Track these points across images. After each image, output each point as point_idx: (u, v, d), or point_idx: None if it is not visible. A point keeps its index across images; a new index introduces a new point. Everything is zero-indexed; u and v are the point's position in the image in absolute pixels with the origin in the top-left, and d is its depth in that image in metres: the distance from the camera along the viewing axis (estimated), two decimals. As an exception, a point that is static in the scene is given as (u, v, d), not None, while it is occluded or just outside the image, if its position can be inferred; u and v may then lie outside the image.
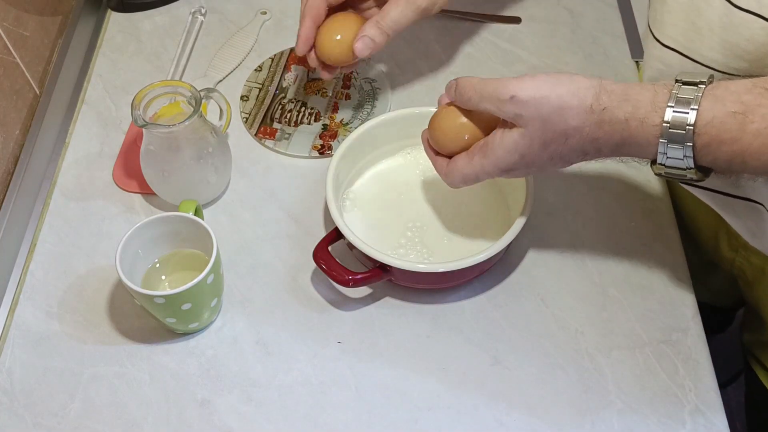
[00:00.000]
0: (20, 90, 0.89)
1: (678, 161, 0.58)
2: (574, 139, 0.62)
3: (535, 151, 0.64)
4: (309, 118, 0.91)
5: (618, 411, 0.71)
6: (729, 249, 0.85)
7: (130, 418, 0.71)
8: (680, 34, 0.66)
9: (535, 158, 0.64)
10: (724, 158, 0.57)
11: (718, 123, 0.56)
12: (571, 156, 0.64)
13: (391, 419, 0.71)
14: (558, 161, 0.64)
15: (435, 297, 0.77)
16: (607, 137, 0.61)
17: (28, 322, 0.77)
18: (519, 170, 0.66)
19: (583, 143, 0.62)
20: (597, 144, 0.62)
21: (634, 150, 0.61)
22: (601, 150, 0.62)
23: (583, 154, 0.63)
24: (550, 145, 0.63)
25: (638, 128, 0.59)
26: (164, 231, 0.74)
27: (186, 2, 1.03)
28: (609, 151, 0.62)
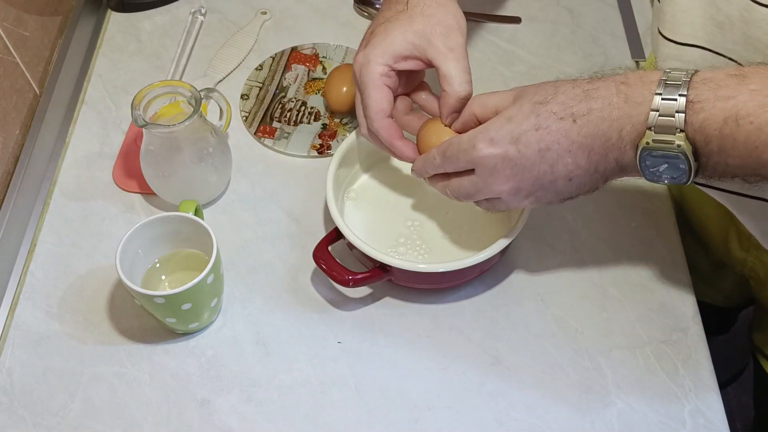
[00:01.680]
0: (20, 90, 0.89)
1: (669, 123, 0.56)
2: (565, 88, 0.61)
3: (524, 110, 0.62)
4: (309, 118, 0.91)
5: (618, 411, 0.71)
6: (740, 249, 0.85)
7: (130, 418, 0.71)
8: (700, 29, 0.66)
9: (522, 120, 0.62)
10: (716, 120, 0.55)
11: (716, 79, 0.56)
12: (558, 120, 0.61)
13: (391, 419, 0.71)
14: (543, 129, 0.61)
15: (435, 297, 0.77)
16: (602, 88, 0.60)
17: (28, 322, 0.77)
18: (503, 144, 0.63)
19: (573, 95, 0.61)
20: (588, 98, 0.60)
21: (624, 111, 0.59)
22: (592, 110, 0.60)
23: (571, 117, 0.60)
24: (539, 102, 0.62)
25: (635, 80, 0.59)
26: (164, 231, 0.74)
27: (186, 2, 1.03)
28: (599, 112, 0.59)
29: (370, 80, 0.71)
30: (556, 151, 0.61)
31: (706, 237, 0.90)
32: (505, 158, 0.63)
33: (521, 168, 0.63)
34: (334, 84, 0.88)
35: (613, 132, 0.59)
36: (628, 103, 0.58)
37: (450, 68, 0.70)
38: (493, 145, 0.63)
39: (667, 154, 0.57)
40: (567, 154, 0.61)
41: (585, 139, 0.60)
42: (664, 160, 0.58)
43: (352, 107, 0.88)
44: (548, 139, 0.61)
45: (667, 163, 0.58)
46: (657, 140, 0.57)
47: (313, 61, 0.96)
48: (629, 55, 0.97)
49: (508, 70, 0.96)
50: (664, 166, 0.58)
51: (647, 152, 0.58)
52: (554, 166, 0.62)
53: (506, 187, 0.65)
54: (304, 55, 0.97)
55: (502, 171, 0.64)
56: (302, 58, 0.96)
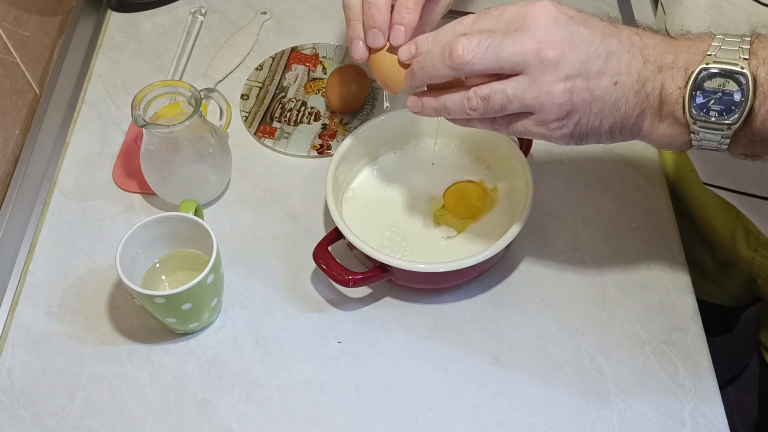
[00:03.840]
0: (20, 90, 0.89)
1: (731, 50, 0.53)
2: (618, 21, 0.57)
3: (588, 16, 0.57)
4: (309, 118, 0.91)
5: (618, 411, 0.71)
6: (747, 248, 0.85)
7: (130, 418, 0.71)
8: None
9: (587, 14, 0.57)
10: None
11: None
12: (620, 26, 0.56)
13: (391, 419, 0.71)
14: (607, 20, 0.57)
15: (435, 297, 0.77)
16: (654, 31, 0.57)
17: (28, 322, 0.77)
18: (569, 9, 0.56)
19: (634, 27, 0.57)
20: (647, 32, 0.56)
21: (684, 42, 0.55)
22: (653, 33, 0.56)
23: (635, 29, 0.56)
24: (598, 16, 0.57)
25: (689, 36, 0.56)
26: (164, 231, 0.74)
27: (186, 2, 1.03)
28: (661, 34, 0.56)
29: None
30: (617, 43, 0.56)
31: (712, 237, 0.90)
32: (568, 20, 0.56)
33: (581, 37, 0.56)
34: (334, 84, 0.88)
35: (671, 53, 0.55)
36: (691, 39, 0.56)
37: None
38: (559, 6, 0.56)
39: (723, 82, 0.53)
40: (625, 52, 0.56)
41: (645, 48, 0.56)
42: (719, 90, 0.54)
43: (353, 107, 0.88)
44: (613, 30, 0.56)
45: (722, 94, 0.54)
46: (718, 61, 0.53)
47: (313, 61, 0.96)
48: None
49: (508, 70, 0.96)
50: (715, 97, 0.54)
51: (702, 77, 0.54)
52: (610, 55, 0.56)
53: (558, 45, 0.55)
54: (304, 55, 0.97)
55: (562, 29, 0.56)
56: (302, 58, 0.96)
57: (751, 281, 0.90)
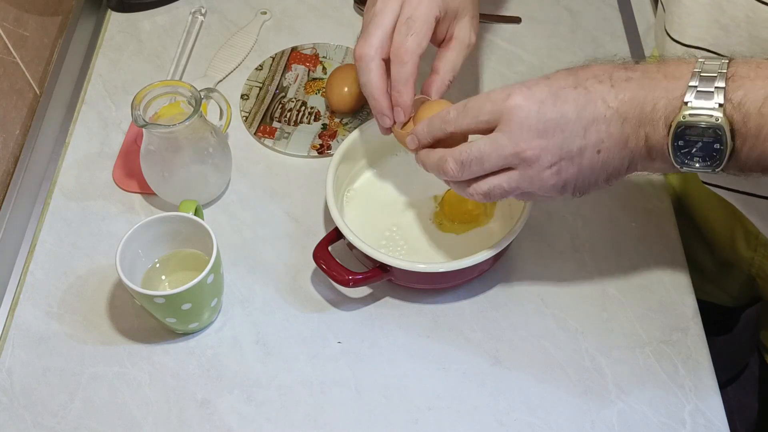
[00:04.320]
0: (20, 90, 0.89)
1: (707, 93, 0.54)
2: (602, 64, 0.59)
3: (561, 73, 0.59)
4: (309, 118, 0.91)
5: (618, 411, 0.71)
6: (747, 248, 0.85)
7: (130, 418, 0.71)
8: (705, 32, 0.66)
9: (561, 80, 0.59)
10: (756, 97, 0.54)
11: (755, 62, 0.54)
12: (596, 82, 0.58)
13: (391, 419, 0.71)
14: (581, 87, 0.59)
15: (435, 297, 0.77)
16: (641, 63, 0.58)
17: (28, 322, 0.77)
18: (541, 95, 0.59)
19: (612, 68, 0.58)
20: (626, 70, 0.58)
21: (662, 84, 0.56)
22: (630, 79, 0.57)
23: (609, 80, 0.58)
24: (577, 69, 0.59)
25: (673, 59, 0.58)
26: (164, 231, 0.74)
27: (186, 2, 1.03)
28: (637, 81, 0.57)
29: (427, 14, 0.70)
30: (592, 112, 0.58)
31: (711, 237, 0.90)
32: (540, 110, 0.59)
33: (555, 124, 0.59)
34: (335, 84, 0.88)
35: (648, 103, 0.57)
36: (667, 78, 0.57)
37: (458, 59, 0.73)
38: (530, 95, 0.59)
39: (703, 133, 0.55)
40: (602, 119, 0.58)
41: (621, 105, 0.58)
42: (699, 140, 0.55)
43: (353, 107, 0.88)
44: (586, 98, 0.58)
45: (701, 143, 0.55)
46: (693, 114, 0.55)
47: (313, 61, 0.96)
48: (629, 55, 0.97)
49: (508, 70, 0.96)
50: (696, 146, 0.56)
51: (681, 128, 0.56)
52: (588, 129, 0.59)
53: (534, 144, 0.59)
54: (304, 55, 0.97)
55: (535, 125, 0.59)
56: (302, 58, 0.96)
57: (751, 281, 0.90)
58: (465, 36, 0.74)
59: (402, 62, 0.70)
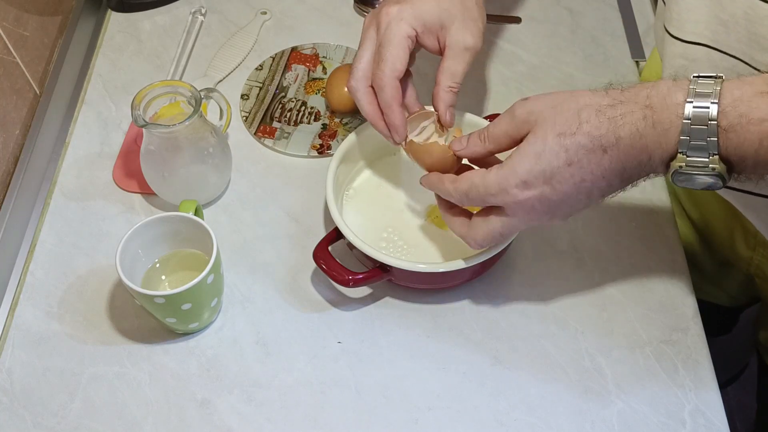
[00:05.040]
0: (20, 90, 0.89)
1: (701, 146, 0.55)
2: (588, 116, 0.59)
3: (550, 145, 0.60)
4: (309, 118, 0.91)
5: (618, 411, 0.71)
6: (746, 248, 0.85)
7: (130, 418, 0.71)
8: (705, 28, 0.66)
9: (552, 158, 0.60)
10: (751, 143, 0.54)
11: (746, 100, 0.54)
12: (588, 153, 0.59)
13: (391, 419, 0.71)
14: (576, 163, 0.60)
15: (435, 297, 0.77)
16: (626, 114, 0.58)
17: (28, 322, 0.77)
18: (538, 185, 0.61)
19: (599, 124, 0.59)
20: (615, 127, 0.58)
21: (652, 138, 0.57)
22: (621, 139, 0.58)
23: (601, 149, 0.59)
24: (564, 134, 0.60)
25: (660, 104, 0.57)
26: (164, 231, 0.74)
27: (186, 2, 1.03)
28: (628, 140, 0.58)
29: (396, 37, 0.71)
30: (590, 180, 0.60)
31: (711, 236, 0.90)
32: (542, 198, 0.62)
33: (559, 203, 0.62)
34: (335, 84, 0.88)
35: (644, 156, 0.58)
36: (656, 130, 0.57)
37: (455, 65, 0.73)
38: (527, 188, 0.62)
39: (701, 172, 0.56)
40: (601, 180, 0.60)
41: (617, 165, 0.59)
42: (698, 178, 0.57)
43: (353, 107, 0.88)
44: (582, 172, 0.60)
45: (701, 180, 0.57)
46: (690, 164, 0.56)
47: (313, 61, 0.96)
48: (629, 55, 0.97)
49: (508, 70, 0.96)
50: (697, 181, 0.58)
51: (680, 173, 0.57)
52: (590, 193, 0.61)
53: (543, 220, 0.64)
54: (304, 55, 0.97)
55: (540, 209, 0.63)
56: (302, 58, 0.96)
57: (750, 281, 0.90)
58: (457, 41, 0.74)
59: (380, 89, 0.72)
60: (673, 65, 0.71)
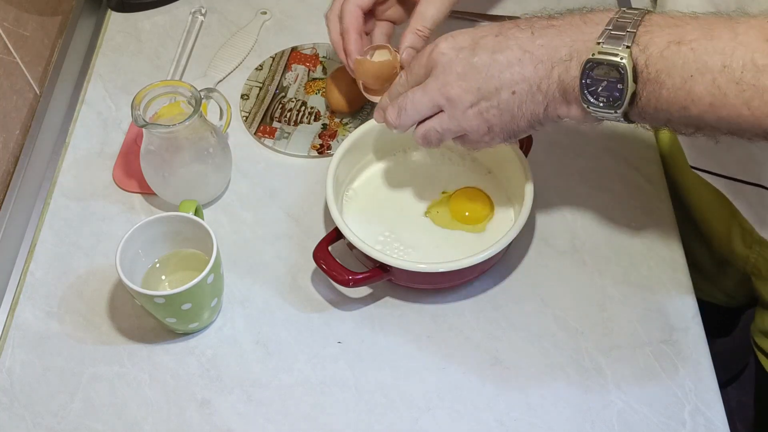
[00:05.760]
0: (20, 90, 0.89)
1: (616, 43, 0.58)
2: (523, 20, 0.64)
3: (488, 26, 0.65)
4: (309, 118, 0.91)
5: (618, 411, 0.71)
6: (743, 245, 0.85)
7: (130, 418, 0.71)
8: (697, 8, 0.65)
9: (486, 29, 0.65)
10: (660, 42, 0.57)
11: (669, 16, 0.58)
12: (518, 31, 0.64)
13: (391, 419, 0.71)
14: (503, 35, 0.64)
15: (435, 297, 0.77)
16: (567, 15, 0.63)
17: (28, 322, 0.77)
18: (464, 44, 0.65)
19: (538, 19, 0.64)
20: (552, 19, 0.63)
21: (580, 31, 0.61)
22: (552, 26, 0.62)
23: (529, 29, 0.63)
24: (503, 24, 0.65)
25: (600, 9, 0.62)
26: (164, 231, 0.74)
27: (186, 2, 1.03)
28: (559, 26, 0.62)
29: None
30: (507, 56, 0.63)
31: (708, 233, 0.90)
32: (459, 55, 0.65)
33: (472, 67, 0.64)
34: (334, 84, 0.88)
35: (564, 47, 0.61)
36: (587, 24, 0.61)
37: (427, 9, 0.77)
38: (452, 43, 0.66)
39: (608, 72, 0.58)
40: (516, 63, 0.63)
41: (536, 50, 0.62)
42: (605, 79, 0.59)
43: (353, 107, 0.88)
44: (503, 44, 0.64)
45: (607, 83, 0.59)
46: (603, 52, 0.58)
47: (313, 61, 0.96)
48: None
49: (508, 70, 0.96)
50: (602, 85, 0.59)
51: (590, 66, 0.59)
52: (502, 71, 0.64)
53: (455, 86, 0.65)
54: (304, 55, 0.97)
55: (455, 68, 0.65)
56: (302, 58, 0.96)
57: (747, 279, 0.90)
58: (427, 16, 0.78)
59: (342, 17, 0.79)
60: None
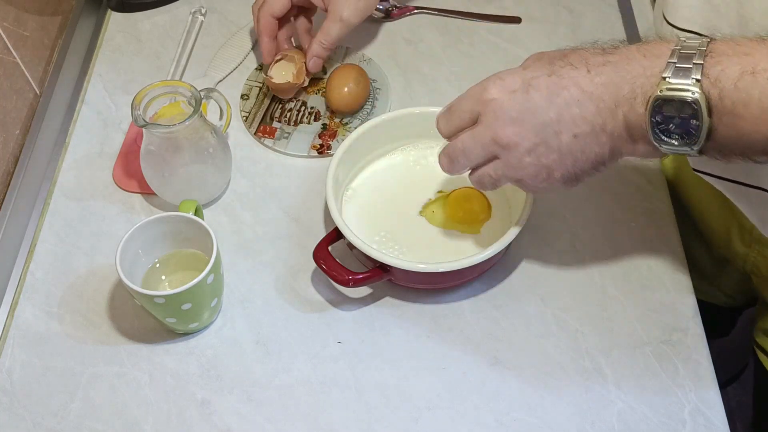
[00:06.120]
0: (20, 90, 0.89)
1: (685, 69, 0.55)
2: (584, 48, 0.61)
3: (541, 62, 0.62)
4: (309, 118, 0.91)
5: (618, 411, 0.71)
6: (742, 244, 0.85)
7: (130, 418, 0.71)
8: (697, 14, 0.66)
9: (537, 68, 0.61)
10: (732, 72, 0.54)
11: (735, 39, 0.55)
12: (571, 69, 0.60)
13: (391, 419, 0.71)
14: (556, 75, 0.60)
15: (435, 297, 0.77)
16: (622, 47, 0.59)
17: (28, 322, 0.77)
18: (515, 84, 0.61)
19: (593, 53, 0.60)
20: (606, 54, 0.59)
21: (639, 62, 0.57)
22: (608, 62, 0.58)
23: (585, 67, 0.59)
24: (555, 57, 0.61)
25: (655, 40, 0.58)
26: (164, 231, 0.74)
27: (186, 2, 1.03)
28: (616, 62, 0.58)
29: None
30: (564, 98, 0.60)
31: (707, 232, 0.90)
32: (512, 98, 0.62)
33: (527, 110, 0.61)
34: (335, 84, 0.88)
35: (626, 83, 0.58)
36: (647, 57, 0.57)
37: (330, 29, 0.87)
38: (503, 86, 0.62)
39: (680, 108, 0.55)
40: (575, 104, 0.60)
41: (596, 89, 0.59)
42: (676, 115, 0.56)
43: (353, 107, 0.89)
44: (559, 84, 0.60)
45: (680, 119, 0.56)
46: (671, 88, 0.55)
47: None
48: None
49: (508, 70, 0.96)
50: (674, 123, 0.56)
51: (659, 104, 0.56)
52: (561, 114, 0.60)
53: (509, 131, 0.62)
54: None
55: (508, 112, 0.62)
56: (302, 58, 0.96)
57: (746, 279, 0.90)
58: (336, 10, 0.87)
59: (257, 20, 0.90)
60: None
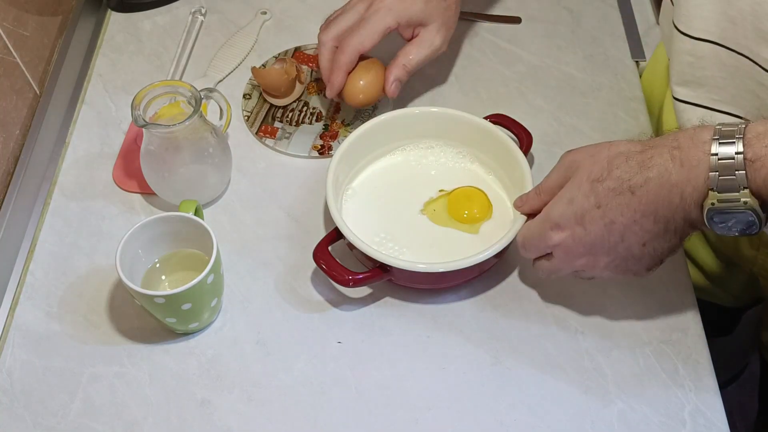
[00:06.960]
0: (20, 90, 0.89)
1: (730, 181, 0.56)
2: (619, 162, 0.62)
3: (583, 190, 0.64)
4: (310, 118, 0.91)
5: (618, 411, 0.71)
6: (750, 247, 0.85)
7: (130, 418, 0.71)
8: (713, 24, 0.67)
9: (583, 201, 0.64)
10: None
11: (762, 134, 0.56)
12: (616, 195, 0.62)
13: (391, 419, 0.71)
14: (604, 205, 0.63)
15: (435, 297, 0.77)
16: (655, 156, 0.60)
17: (28, 322, 0.77)
18: (570, 225, 0.66)
19: (628, 169, 0.61)
20: (643, 169, 0.60)
21: (681, 176, 0.59)
22: (649, 180, 0.60)
23: (629, 190, 0.61)
24: (596, 180, 0.63)
25: (687, 143, 0.59)
26: (164, 231, 0.74)
27: (186, 2, 1.03)
28: (656, 180, 0.60)
29: (378, 23, 0.82)
30: (621, 223, 0.63)
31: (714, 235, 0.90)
32: (574, 238, 0.66)
33: (591, 244, 0.65)
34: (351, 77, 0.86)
35: (675, 196, 0.60)
36: (684, 167, 0.59)
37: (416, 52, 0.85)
38: (560, 230, 0.67)
39: (735, 211, 0.57)
40: (633, 224, 0.63)
41: (647, 207, 0.61)
42: (732, 216, 0.58)
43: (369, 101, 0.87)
44: (610, 214, 0.63)
45: (735, 218, 0.58)
46: (722, 200, 0.57)
47: (317, 61, 0.96)
48: (629, 55, 0.97)
49: (508, 70, 0.96)
50: (732, 221, 0.58)
51: (714, 212, 0.58)
52: (624, 235, 0.64)
53: (583, 261, 0.67)
54: (307, 55, 0.97)
55: (576, 249, 0.67)
56: (306, 58, 0.96)
57: (754, 280, 0.90)
58: (428, 38, 0.85)
59: (342, 52, 0.83)
60: (681, 62, 0.72)
